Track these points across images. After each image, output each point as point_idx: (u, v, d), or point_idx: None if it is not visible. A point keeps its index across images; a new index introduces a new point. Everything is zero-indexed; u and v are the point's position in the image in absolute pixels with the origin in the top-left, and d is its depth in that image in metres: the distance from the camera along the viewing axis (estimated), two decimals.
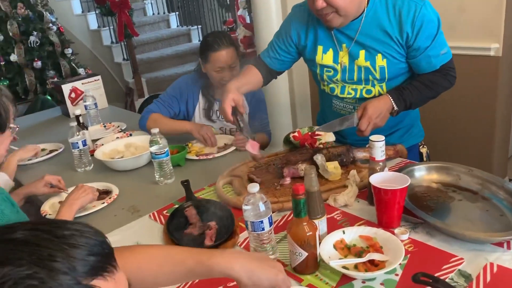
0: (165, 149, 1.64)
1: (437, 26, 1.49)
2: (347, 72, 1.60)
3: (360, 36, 1.53)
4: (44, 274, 0.47)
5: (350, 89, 1.64)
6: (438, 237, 1.14)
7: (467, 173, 1.36)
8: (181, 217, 1.33)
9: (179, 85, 2.13)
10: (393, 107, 1.49)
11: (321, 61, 1.64)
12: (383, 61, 1.54)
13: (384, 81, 1.58)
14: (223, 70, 1.96)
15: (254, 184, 1.07)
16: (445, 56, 1.54)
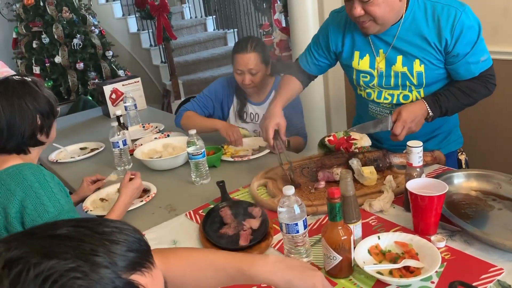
0: (202, 150, 1.67)
1: (478, 32, 1.46)
2: (383, 77, 1.59)
3: (398, 42, 1.52)
4: (87, 267, 0.50)
5: (387, 94, 1.63)
6: (477, 246, 1.12)
7: (508, 182, 1.32)
8: (216, 217, 1.36)
9: (214, 87, 2.18)
10: (428, 113, 1.48)
11: (357, 66, 1.63)
12: (421, 67, 1.52)
13: (422, 86, 1.56)
14: (243, 74, 2.00)
15: (290, 187, 1.08)
16: (485, 63, 1.51)
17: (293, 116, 2.12)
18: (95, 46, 4.49)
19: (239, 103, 2.16)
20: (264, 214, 1.33)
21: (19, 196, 1.23)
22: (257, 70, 2.00)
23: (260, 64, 2.01)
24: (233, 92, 2.16)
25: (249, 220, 1.31)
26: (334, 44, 1.68)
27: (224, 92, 2.17)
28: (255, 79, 2.01)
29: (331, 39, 1.67)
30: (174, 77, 5.26)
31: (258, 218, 1.32)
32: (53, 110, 1.36)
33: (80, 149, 2.29)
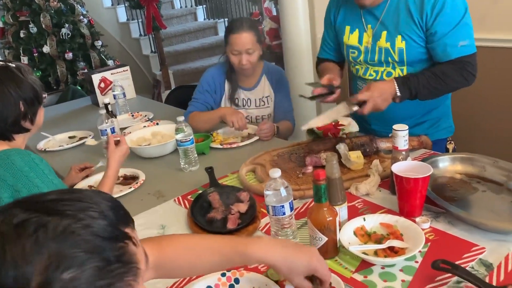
0: (190, 137, 1.67)
1: (462, 15, 1.46)
2: (369, 53, 1.62)
3: (385, 17, 1.54)
4: (87, 221, 0.56)
5: (372, 71, 1.65)
6: (460, 227, 1.14)
7: (492, 164, 1.34)
8: (205, 202, 1.37)
9: (206, 80, 2.17)
10: (396, 93, 1.46)
11: (347, 41, 1.67)
12: (402, 43, 1.53)
13: (404, 64, 1.57)
14: (239, 54, 1.98)
15: (276, 169, 1.09)
16: (465, 49, 1.48)
17: (281, 101, 2.13)
18: (84, 36, 4.45)
19: (231, 89, 2.15)
20: (252, 198, 1.34)
21: (10, 181, 1.23)
22: (254, 49, 1.99)
23: (256, 43, 2.01)
24: (224, 79, 2.16)
25: (237, 204, 1.32)
26: (334, 20, 1.72)
27: (215, 80, 2.16)
28: (252, 59, 2.00)
29: (332, 16, 1.73)
30: (164, 67, 5.23)
31: (246, 203, 1.33)
32: (38, 96, 1.34)
33: (69, 137, 2.29)
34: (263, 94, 2.14)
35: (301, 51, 3.28)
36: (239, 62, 2.00)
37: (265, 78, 2.14)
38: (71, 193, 0.61)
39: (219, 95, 2.16)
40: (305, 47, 3.28)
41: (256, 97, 2.14)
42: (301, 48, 3.30)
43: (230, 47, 2.00)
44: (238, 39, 1.97)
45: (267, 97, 2.14)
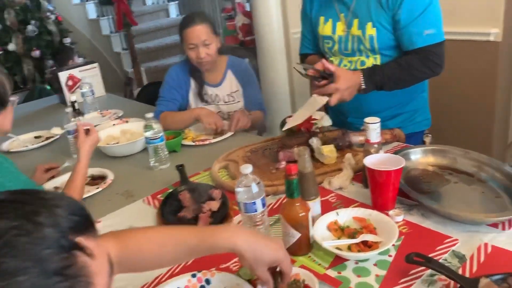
0: (160, 134, 1.63)
1: (428, 3, 1.45)
2: (342, 42, 1.61)
3: (356, 5, 1.54)
4: (30, 226, 0.50)
5: (347, 61, 1.64)
6: (433, 219, 1.13)
7: (463, 156, 1.35)
8: (175, 201, 1.33)
9: (170, 77, 2.11)
10: (361, 85, 1.46)
11: (322, 31, 1.66)
12: (373, 30, 1.52)
13: (376, 52, 1.56)
14: (196, 48, 1.94)
15: (247, 165, 1.06)
16: (430, 38, 1.46)
17: (250, 93, 2.10)
18: (52, 33, 4.31)
19: (197, 86, 2.11)
20: (225, 196, 1.31)
21: None
22: (210, 41, 1.95)
23: (212, 35, 1.97)
24: (189, 76, 2.11)
25: (209, 203, 1.28)
26: (310, 11, 1.71)
27: (180, 78, 2.11)
28: (210, 51, 1.96)
29: (307, 8, 1.71)
30: (136, 64, 5.12)
31: (218, 200, 1.29)
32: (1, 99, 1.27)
33: (35, 137, 2.20)
34: (231, 90, 2.10)
35: (275, 46, 3.26)
36: (197, 56, 1.95)
37: (230, 73, 2.10)
38: (24, 195, 0.56)
39: (186, 90, 2.12)
40: (279, 42, 3.26)
41: (224, 93, 2.10)
42: (274, 43, 3.28)
43: (186, 42, 1.95)
44: (192, 32, 1.92)
45: (235, 92, 2.10)
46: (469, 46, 2.46)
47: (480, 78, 2.52)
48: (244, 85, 2.10)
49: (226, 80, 2.10)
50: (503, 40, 2.43)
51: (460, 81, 2.55)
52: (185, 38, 1.95)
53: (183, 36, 1.96)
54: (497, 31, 2.41)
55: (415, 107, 1.71)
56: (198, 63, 1.99)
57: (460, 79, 2.55)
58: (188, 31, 1.94)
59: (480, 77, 2.52)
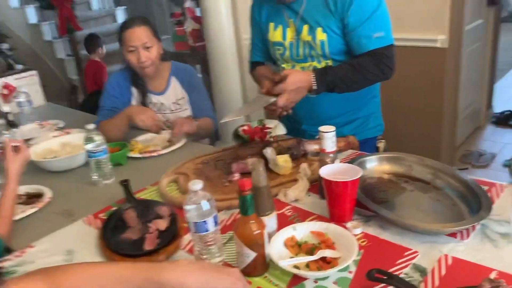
0: (103, 146, 1.51)
1: (376, 6, 1.43)
2: (294, 48, 1.58)
3: (305, 10, 1.51)
4: None
5: (299, 67, 1.61)
6: (392, 230, 1.10)
7: (419, 163, 1.33)
8: (119, 220, 1.22)
9: (111, 85, 2.00)
10: (311, 86, 1.41)
11: (272, 38, 1.62)
12: (323, 35, 1.49)
13: (327, 57, 1.53)
14: (136, 50, 1.84)
15: (196, 181, 0.97)
16: (380, 41, 1.44)
17: (196, 100, 2.02)
18: None
19: (140, 94, 2.00)
20: (173, 213, 1.21)
21: None
22: (151, 43, 1.86)
23: (153, 38, 1.88)
24: (129, 85, 2.00)
25: (156, 221, 1.18)
26: (259, 18, 1.67)
27: (121, 86, 1.99)
28: (151, 55, 1.86)
29: (256, 15, 1.67)
30: (81, 71, 4.89)
31: (167, 218, 1.20)
32: None
33: None
34: (176, 97, 2.01)
35: (226, 52, 3.20)
36: (138, 60, 1.85)
37: (174, 80, 2.01)
38: None
39: (127, 98, 2.00)
40: (230, 48, 3.20)
41: (169, 101, 2.00)
42: (225, 49, 3.22)
43: (125, 45, 1.85)
44: (132, 34, 1.83)
45: (181, 100, 2.01)
46: (417, 52, 2.50)
47: (428, 84, 2.57)
48: (189, 91, 2.01)
49: (170, 87, 2.00)
50: (450, 46, 2.49)
51: (409, 87, 2.59)
52: (124, 40, 1.85)
53: (122, 38, 1.86)
54: (444, 37, 2.46)
55: (368, 113, 1.70)
56: (139, 67, 1.88)
57: (408, 85, 2.59)
58: (127, 33, 1.84)
59: (428, 82, 2.57)
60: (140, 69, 1.90)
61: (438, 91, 2.56)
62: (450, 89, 2.64)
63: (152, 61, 1.88)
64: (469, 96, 3.27)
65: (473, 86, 3.31)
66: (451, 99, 2.68)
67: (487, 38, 3.41)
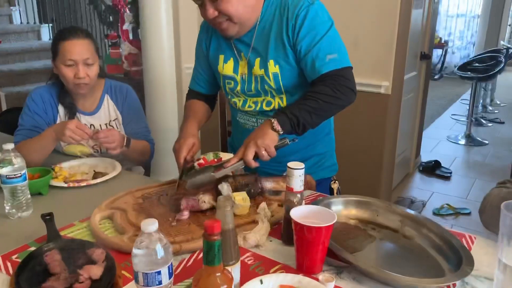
0: (22, 171, 1.25)
1: (328, 27, 1.34)
2: (246, 83, 1.46)
3: (256, 43, 1.41)
4: None
5: (251, 102, 1.49)
6: (367, 284, 0.97)
7: (386, 209, 1.24)
8: (39, 265, 0.97)
9: (34, 101, 1.74)
10: (272, 125, 1.26)
11: (222, 71, 1.49)
12: (276, 68, 1.39)
13: (282, 92, 1.43)
14: (75, 65, 1.63)
15: (152, 220, 0.78)
16: (333, 63, 1.33)
17: (131, 122, 1.81)
18: None
19: (67, 114, 1.75)
20: (110, 257, 0.99)
21: None
22: (93, 60, 1.65)
23: (95, 54, 1.68)
24: (56, 103, 1.75)
25: (87, 268, 0.95)
26: (206, 50, 1.54)
27: (45, 103, 1.74)
28: (91, 73, 1.65)
29: (204, 47, 1.55)
30: None
31: (101, 264, 0.97)
32: None
33: None
34: (110, 118, 1.79)
35: (164, 80, 3.01)
36: (75, 76, 1.63)
37: (108, 98, 1.80)
38: None
39: (52, 118, 1.75)
40: (169, 76, 3.02)
41: (101, 123, 1.78)
42: (164, 77, 3.04)
43: (62, 57, 1.62)
44: (73, 47, 1.61)
45: (114, 121, 1.79)
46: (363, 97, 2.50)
47: (371, 128, 2.59)
48: (124, 112, 1.80)
49: (103, 107, 1.78)
50: (392, 93, 2.54)
51: (353, 130, 2.59)
52: (62, 52, 1.61)
53: (59, 49, 1.62)
54: (387, 84, 2.51)
55: (323, 151, 1.60)
56: (74, 85, 1.65)
57: (352, 129, 2.58)
58: (67, 45, 1.61)
59: (371, 127, 2.58)
60: (75, 87, 1.67)
61: (380, 136, 2.59)
62: (390, 135, 2.67)
63: (90, 80, 1.66)
64: (402, 143, 3.37)
65: (405, 134, 3.43)
66: (390, 144, 2.71)
67: (420, 89, 3.59)
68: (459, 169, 4.04)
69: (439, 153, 4.44)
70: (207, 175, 1.27)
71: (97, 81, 1.75)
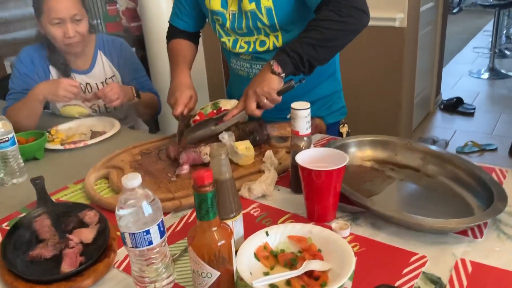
0: (9, 135, 1.16)
1: None
2: (236, 19, 1.29)
3: None
4: None
5: (243, 42, 1.33)
6: (387, 230, 0.87)
7: (404, 147, 1.12)
8: (28, 232, 0.90)
9: (23, 62, 1.63)
10: (272, 67, 1.10)
11: (209, 5, 1.31)
12: (269, 1, 1.22)
13: (277, 29, 1.26)
14: (64, 23, 1.50)
15: (133, 174, 0.69)
16: None
17: (132, 79, 1.71)
18: None
19: (60, 75, 1.65)
20: (103, 219, 0.92)
21: None
22: (81, 15, 1.52)
23: (82, 9, 1.54)
24: (47, 64, 1.64)
25: (79, 231, 0.88)
26: None
27: (36, 64, 1.63)
28: (80, 29, 1.53)
29: None
30: None
31: (94, 227, 0.89)
32: None
33: None
34: (105, 76, 1.68)
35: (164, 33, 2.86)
36: (66, 35, 1.51)
37: (101, 55, 1.68)
38: None
39: (44, 78, 1.64)
40: None
41: (96, 81, 1.67)
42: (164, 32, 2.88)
43: (47, 16, 1.48)
44: (58, 3, 1.47)
45: (111, 78, 1.69)
46: (376, 32, 2.33)
47: (387, 66, 2.42)
48: (121, 68, 1.69)
49: (97, 64, 1.67)
50: (408, 27, 2.34)
51: (367, 69, 2.43)
52: (46, 10, 1.48)
53: (43, 7, 1.49)
54: (402, 16, 2.31)
55: (328, 92, 1.44)
56: (64, 44, 1.54)
57: (367, 66, 2.42)
58: (52, 2, 1.47)
59: (387, 64, 2.41)
60: (66, 46, 1.55)
61: (396, 74, 2.42)
62: (408, 73, 2.50)
63: (81, 37, 1.54)
64: (421, 82, 3.18)
65: (424, 71, 3.23)
66: (408, 83, 2.55)
67: (437, 22, 3.35)
68: (482, 104, 3.84)
69: (461, 89, 4.22)
70: (208, 130, 1.17)
71: (88, 36, 1.63)
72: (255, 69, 1.36)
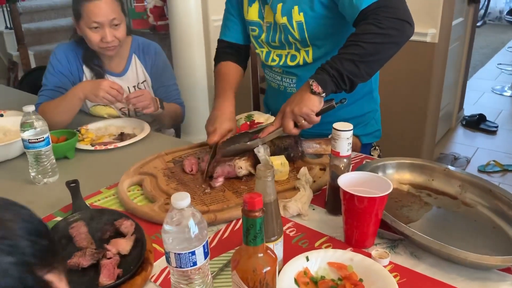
0: (44, 135, 1.16)
1: None
2: (271, 32, 1.29)
3: None
4: None
5: (275, 55, 1.34)
6: (427, 260, 0.86)
7: (442, 172, 1.10)
8: (64, 238, 0.89)
9: (58, 60, 1.62)
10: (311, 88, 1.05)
11: (247, 16, 1.32)
12: (300, 16, 1.20)
13: (307, 44, 1.25)
14: (102, 28, 1.49)
15: (183, 194, 0.68)
16: None
17: (162, 85, 1.69)
18: None
19: (94, 75, 1.64)
20: (140, 229, 0.91)
21: None
22: (119, 20, 1.51)
23: (121, 14, 1.53)
24: (81, 64, 1.64)
25: (115, 241, 0.87)
26: None
27: (71, 63, 1.63)
28: (119, 35, 1.52)
29: None
30: (22, 46, 4.34)
31: (130, 237, 0.89)
32: None
33: None
34: (138, 80, 1.67)
35: (192, 34, 2.86)
36: (102, 39, 1.50)
37: (135, 59, 1.67)
38: None
39: (78, 78, 1.64)
40: (196, 30, 2.87)
41: (129, 85, 1.66)
42: (191, 31, 2.88)
43: (86, 20, 1.48)
44: (97, 8, 1.46)
45: (143, 83, 1.68)
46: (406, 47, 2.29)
47: (415, 81, 2.39)
48: (153, 74, 1.68)
49: (131, 67, 1.66)
50: (439, 42, 2.31)
51: (395, 84, 2.40)
52: (85, 14, 1.47)
53: (82, 11, 1.47)
54: (434, 32, 2.28)
55: (364, 111, 1.41)
56: (101, 48, 1.53)
57: (395, 81, 2.39)
58: (91, 5, 1.46)
59: (415, 79, 2.38)
60: (102, 50, 1.54)
61: (424, 90, 2.39)
62: (435, 88, 2.47)
63: (119, 42, 1.53)
64: (446, 97, 3.14)
65: (449, 86, 3.19)
66: (435, 98, 2.51)
67: (466, 37, 3.30)
68: (505, 122, 3.78)
69: (484, 106, 4.16)
70: (243, 144, 1.15)
71: (126, 38, 1.62)
72: (285, 83, 1.36)
